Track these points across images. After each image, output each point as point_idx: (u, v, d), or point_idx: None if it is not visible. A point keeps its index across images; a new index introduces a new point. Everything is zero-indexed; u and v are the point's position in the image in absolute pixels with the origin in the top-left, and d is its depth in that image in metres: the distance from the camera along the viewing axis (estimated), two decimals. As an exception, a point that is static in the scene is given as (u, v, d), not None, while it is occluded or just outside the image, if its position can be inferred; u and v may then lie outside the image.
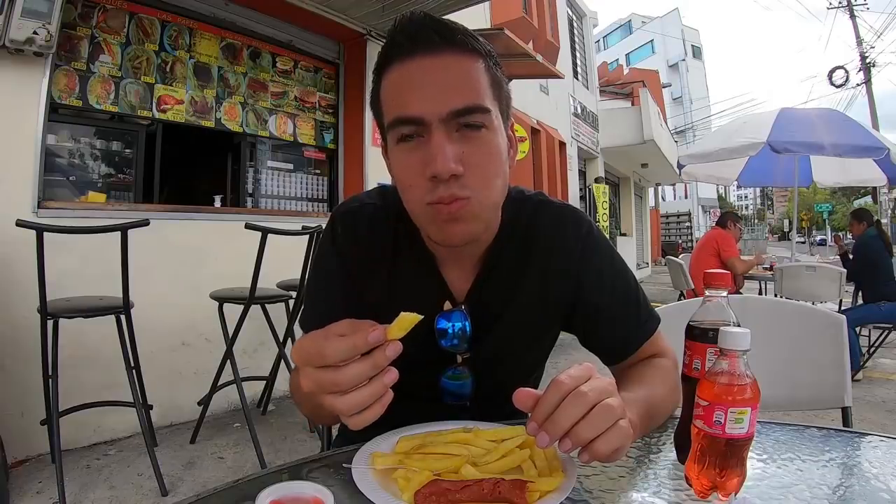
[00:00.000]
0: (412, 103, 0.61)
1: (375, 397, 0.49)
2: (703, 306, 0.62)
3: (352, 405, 0.49)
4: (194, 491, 2.09)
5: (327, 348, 0.48)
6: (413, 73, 0.62)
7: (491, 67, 0.66)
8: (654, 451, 0.70)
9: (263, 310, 2.63)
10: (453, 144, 0.61)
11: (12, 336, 2.24)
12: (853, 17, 15.98)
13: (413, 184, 0.64)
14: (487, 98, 0.63)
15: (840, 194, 33.30)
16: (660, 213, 20.55)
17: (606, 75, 14.23)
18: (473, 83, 0.63)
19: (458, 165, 0.61)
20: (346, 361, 0.48)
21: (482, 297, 0.76)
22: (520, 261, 0.76)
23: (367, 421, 0.50)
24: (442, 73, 0.61)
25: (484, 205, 0.65)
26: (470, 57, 0.64)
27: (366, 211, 0.79)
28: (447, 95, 0.61)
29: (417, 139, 0.62)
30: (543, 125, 7.30)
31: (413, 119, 0.61)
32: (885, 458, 0.68)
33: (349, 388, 0.48)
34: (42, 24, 2.24)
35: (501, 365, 0.79)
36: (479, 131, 0.63)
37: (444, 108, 0.60)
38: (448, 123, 0.61)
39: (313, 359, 0.49)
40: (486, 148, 0.63)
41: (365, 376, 0.48)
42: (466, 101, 0.61)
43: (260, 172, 3.77)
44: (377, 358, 0.48)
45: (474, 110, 0.62)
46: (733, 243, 4.47)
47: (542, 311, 0.78)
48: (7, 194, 2.30)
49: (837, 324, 1.09)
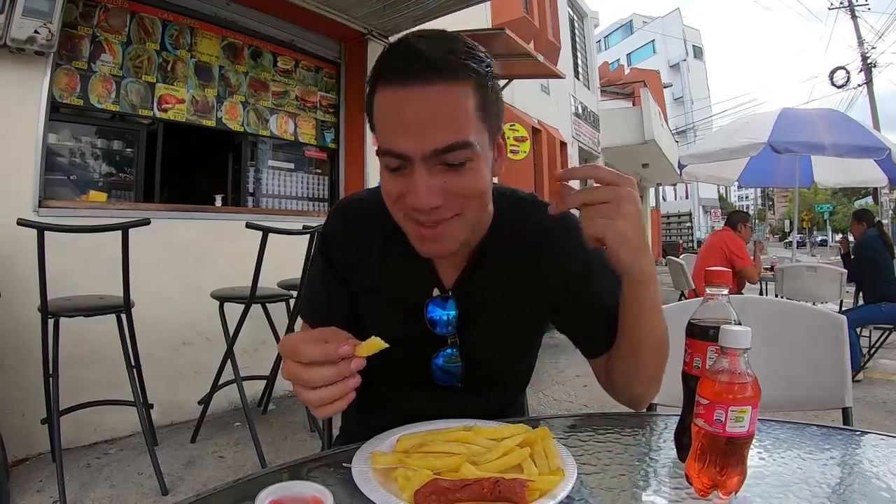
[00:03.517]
0: (399, 140, 0.65)
1: (338, 397, 0.57)
2: (704, 304, 0.62)
3: (316, 399, 0.57)
4: (194, 490, 2.09)
5: (303, 350, 0.57)
6: (402, 105, 0.64)
7: (483, 88, 0.67)
8: (654, 450, 0.70)
9: (264, 309, 2.63)
10: (434, 178, 0.65)
11: (13, 335, 2.25)
12: (854, 17, 15.97)
13: (395, 201, 0.70)
14: (472, 129, 0.66)
15: (841, 195, 33.21)
16: (660, 214, 20.54)
17: (607, 75, 14.22)
18: (455, 118, 0.65)
19: (436, 199, 0.65)
20: (317, 364, 0.56)
21: (471, 286, 0.79)
22: (509, 254, 0.80)
23: (329, 412, 0.58)
24: (429, 108, 0.64)
25: (464, 224, 0.70)
26: (457, 87, 0.65)
27: (355, 206, 0.85)
28: (431, 134, 0.64)
29: (402, 171, 0.67)
30: (544, 125, 7.29)
31: (399, 155, 0.65)
32: (886, 456, 0.68)
33: (315, 385, 0.57)
34: (43, 23, 2.24)
35: (490, 351, 0.82)
36: (461, 166, 0.66)
37: (428, 147, 0.64)
38: (430, 160, 0.65)
39: (291, 354, 0.57)
40: (467, 179, 0.67)
41: (328, 380, 0.57)
42: (448, 139, 0.64)
43: (261, 172, 3.77)
44: (342, 367, 0.57)
45: (456, 147, 0.64)
46: (746, 250, 4.21)
47: (530, 303, 0.82)
48: (8, 193, 2.30)
49: (838, 324, 1.08)
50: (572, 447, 0.66)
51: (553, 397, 3.41)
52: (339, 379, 0.57)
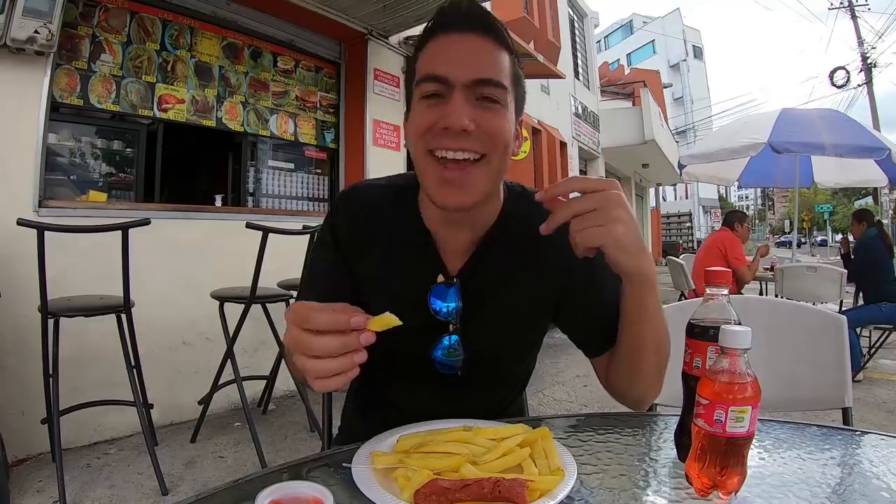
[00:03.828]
0: (442, 65, 0.69)
1: (340, 370, 0.53)
2: (704, 304, 0.62)
3: (318, 370, 0.53)
4: (194, 490, 2.09)
5: (313, 316, 0.53)
6: (451, 43, 0.70)
7: (515, 63, 0.74)
8: (654, 450, 0.70)
9: (264, 309, 2.63)
10: (470, 107, 0.68)
11: (13, 335, 2.25)
12: (854, 17, 15.95)
13: (424, 132, 0.70)
14: (507, 81, 0.71)
15: (841, 195, 33.17)
16: (660, 214, 20.54)
17: (607, 75, 14.22)
18: (499, 64, 0.71)
19: (470, 123, 0.68)
20: (325, 333, 0.53)
21: (476, 274, 0.80)
22: (515, 247, 0.80)
23: (328, 387, 0.54)
24: (475, 48, 0.70)
25: (488, 171, 0.71)
26: (501, 47, 0.72)
27: (363, 191, 0.86)
28: (474, 65, 0.69)
29: (439, 99, 0.69)
30: (544, 125, 7.30)
31: (440, 77, 0.69)
32: (886, 456, 0.68)
33: (320, 354, 0.53)
34: (43, 23, 2.24)
35: (491, 341, 0.82)
36: (494, 104, 0.70)
37: (469, 75, 0.68)
38: (469, 89, 0.68)
39: (299, 320, 0.54)
40: (497, 119, 0.70)
41: (335, 350, 0.53)
42: (489, 73, 0.69)
43: (261, 172, 3.77)
44: (350, 339, 0.53)
45: (494, 83, 0.69)
46: (742, 250, 4.24)
47: (532, 299, 0.81)
48: (8, 193, 2.30)
49: (838, 324, 1.08)
50: (572, 447, 0.66)
51: (553, 397, 3.41)
52: (345, 351, 0.53)
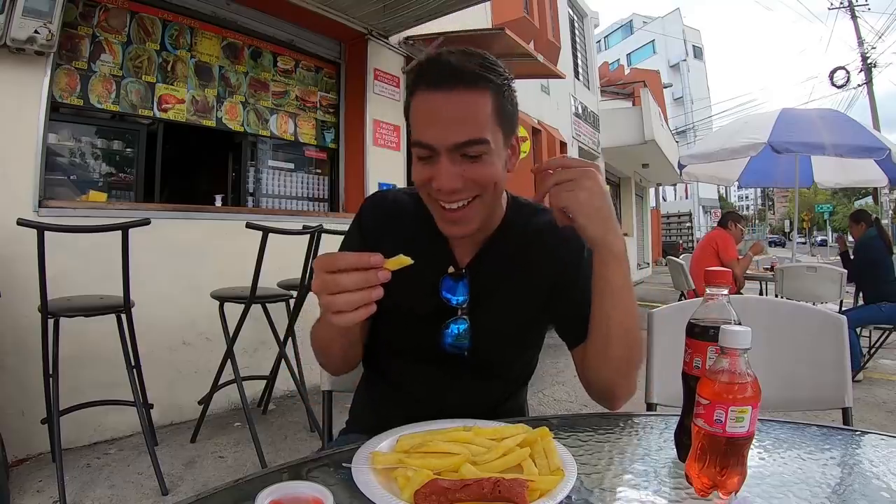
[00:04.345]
0: (428, 133, 0.78)
1: (361, 303, 0.63)
2: (704, 304, 0.62)
3: (341, 303, 0.63)
4: (194, 490, 2.09)
5: (339, 258, 0.64)
6: (432, 106, 0.78)
7: (499, 96, 0.79)
8: (654, 450, 0.70)
9: (264, 309, 2.63)
10: (455, 166, 0.77)
11: (13, 335, 2.25)
12: (854, 17, 15.95)
13: (423, 189, 0.83)
14: (488, 129, 0.78)
15: (841, 195, 33.19)
16: (660, 214, 20.53)
17: (607, 75, 14.20)
18: (477, 119, 0.77)
19: (456, 183, 0.77)
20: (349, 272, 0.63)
21: (483, 267, 0.89)
22: (518, 246, 0.90)
23: (349, 320, 0.63)
24: (453, 110, 0.76)
25: (483, 206, 0.82)
26: (478, 94, 0.77)
27: (390, 196, 0.98)
28: (453, 130, 0.76)
29: (430, 159, 0.79)
30: (544, 125, 7.29)
31: (426, 145, 0.78)
32: (886, 456, 0.68)
33: (345, 289, 0.63)
34: (43, 23, 2.24)
35: (498, 325, 0.89)
36: (479, 157, 0.78)
37: (450, 141, 0.76)
38: (452, 152, 0.77)
39: (327, 264, 0.64)
40: (484, 168, 0.79)
41: (356, 284, 0.63)
42: (467, 135, 0.76)
43: (261, 172, 3.77)
44: (370, 275, 0.63)
45: (473, 143, 0.77)
46: (733, 245, 4.39)
47: (533, 291, 0.90)
48: (8, 193, 2.30)
49: (838, 324, 1.08)
50: (572, 447, 0.66)
51: (553, 397, 3.41)
52: (366, 286, 0.62)
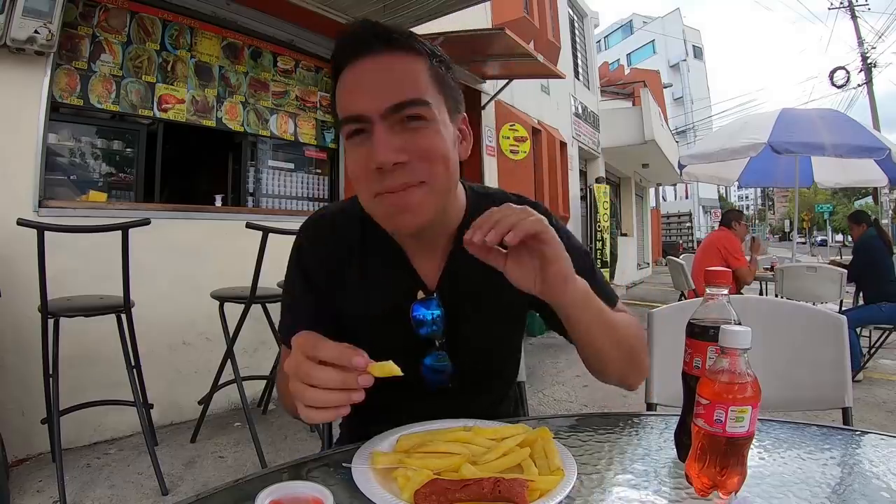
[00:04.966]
0: (356, 102, 0.67)
1: (333, 404, 0.54)
2: (704, 304, 0.62)
3: (312, 398, 0.54)
4: (195, 490, 2.09)
5: (320, 347, 0.55)
6: (357, 75, 0.68)
7: (434, 66, 0.70)
8: (654, 450, 0.70)
9: (264, 309, 2.63)
10: (395, 136, 0.66)
11: (13, 335, 2.25)
12: (854, 17, 15.95)
13: (361, 176, 0.69)
14: (428, 92, 0.68)
15: (841, 195, 33.18)
16: (660, 214, 20.53)
17: (607, 75, 14.20)
18: (412, 79, 0.67)
19: (399, 154, 0.65)
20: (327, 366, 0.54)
21: (452, 284, 0.79)
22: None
23: (318, 419, 0.55)
24: (382, 73, 0.67)
25: (433, 193, 0.69)
26: (410, 57, 0.69)
27: (328, 218, 0.84)
28: (386, 92, 0.66)
29: (363, 135, 0.67)
30: (544, 125, 7.29)
31: (357, 116, 0.67)
32: (886, 456, 0.68)
33: (318, 384, 0.54)
34: (43, 23, 2.24)
35: (478, 346, 0.82)
36: (420, 122, 0.67)
37: (384, 104, 0.65)
38: (389, 118, 0.66)
39: (306, 348, 0.55)
40: (428, 137, 0.67)
41: (333, 383, 0.54)
42: (404, 95, 0.66)
43: (261, 172, 3.77)
44: (349, 378, 0.54)
45: (412, 103, 0.66)
46: (741, 250, 4.24)
47: (511, 292, 0.79)
48: (8, 193, 2.30)
49: (838, 324, 1.08)
50: (572, 447, 0.66)
51: (553, 397, 3.42)
52: (343, 387, 0.54)
